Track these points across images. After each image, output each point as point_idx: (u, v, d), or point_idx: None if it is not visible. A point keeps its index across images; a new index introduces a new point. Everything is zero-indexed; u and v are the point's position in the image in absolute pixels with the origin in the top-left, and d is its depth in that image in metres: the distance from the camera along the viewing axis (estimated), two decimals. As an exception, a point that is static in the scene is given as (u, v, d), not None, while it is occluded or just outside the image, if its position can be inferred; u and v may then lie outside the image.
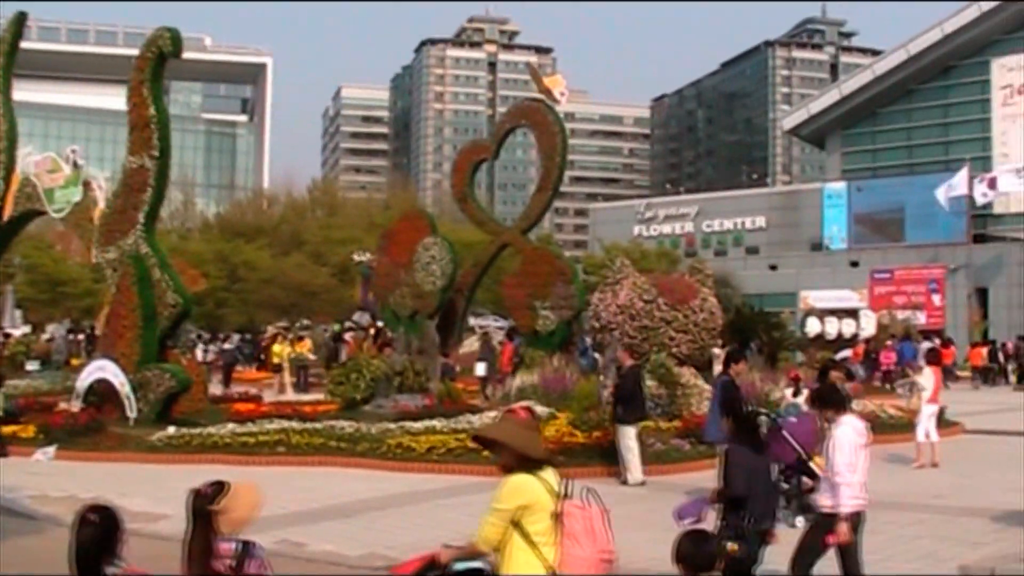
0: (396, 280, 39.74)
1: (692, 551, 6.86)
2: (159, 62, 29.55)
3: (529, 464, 7.06)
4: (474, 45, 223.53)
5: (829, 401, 11.47)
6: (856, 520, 10.76)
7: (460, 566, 7.21)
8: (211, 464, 22.00)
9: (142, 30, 62.72)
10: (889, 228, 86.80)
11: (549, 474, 7.09)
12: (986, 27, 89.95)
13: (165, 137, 29.20)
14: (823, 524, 10.71)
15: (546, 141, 40.07)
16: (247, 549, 6.43)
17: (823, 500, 10.81)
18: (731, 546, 9.39)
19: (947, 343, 56.16)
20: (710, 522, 9.58)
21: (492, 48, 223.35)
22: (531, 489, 6.98)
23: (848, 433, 10.84)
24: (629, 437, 20.61)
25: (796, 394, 21.99)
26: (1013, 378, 53.69)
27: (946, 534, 15.62)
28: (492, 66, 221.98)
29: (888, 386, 42.71)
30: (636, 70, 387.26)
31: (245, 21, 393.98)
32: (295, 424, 25.43)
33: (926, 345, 48.57)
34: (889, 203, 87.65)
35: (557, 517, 6.95)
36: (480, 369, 37.14)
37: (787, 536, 10.91)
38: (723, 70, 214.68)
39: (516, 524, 6.98)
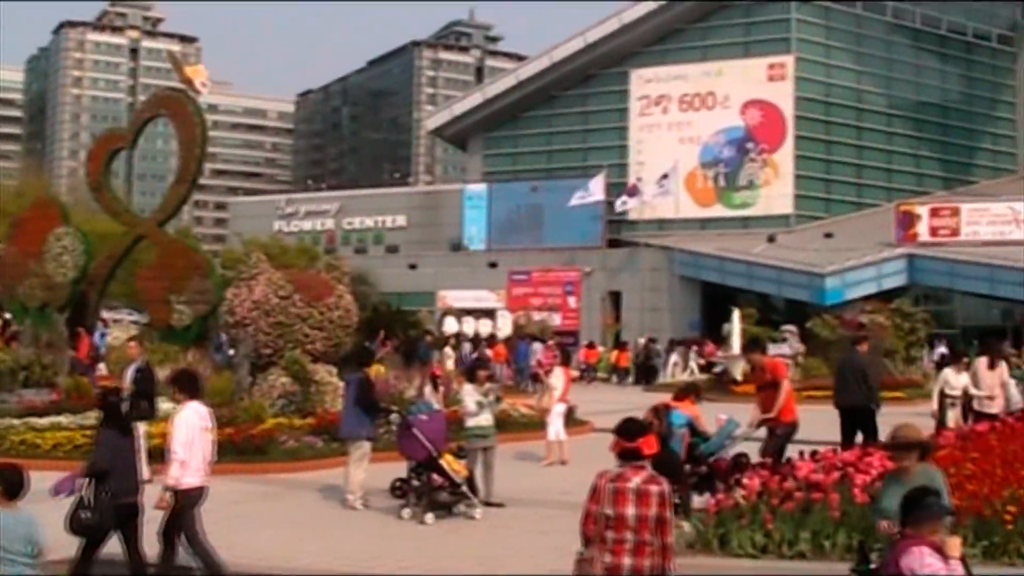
0: (25, 271, 38.28)
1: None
2: None
3: None
4: (116, 30, 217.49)
5: (182, 385, 12.79)
6: (198, 495, 12.25)
7: None
8: None
9: None
10: (528, 231, 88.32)
11: None
12: (627, 39, 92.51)
13: None
14: (178, 499, 12.03)
15: (185, 132, 39.16)
16: None
17: (169, 476, 12.07)
18: (84, 515, 11.05)
19: (591, 345, 59.39)
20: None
21: (134, 34, 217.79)
22: None
23: (189, 416, 12.25)
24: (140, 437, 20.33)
25: (436, 389, 22.25)
26: (641, 378, 55.68)
27: (573, 529, 15.94)
28: (134, 52, 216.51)
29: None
30: (282, 64, 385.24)
31: None
32: (-93, 420, 24.26)
33: (538, 346, 50.13)
34: (528, 206, 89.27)
35: None
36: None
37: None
38: (370, 68, 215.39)
39: None
